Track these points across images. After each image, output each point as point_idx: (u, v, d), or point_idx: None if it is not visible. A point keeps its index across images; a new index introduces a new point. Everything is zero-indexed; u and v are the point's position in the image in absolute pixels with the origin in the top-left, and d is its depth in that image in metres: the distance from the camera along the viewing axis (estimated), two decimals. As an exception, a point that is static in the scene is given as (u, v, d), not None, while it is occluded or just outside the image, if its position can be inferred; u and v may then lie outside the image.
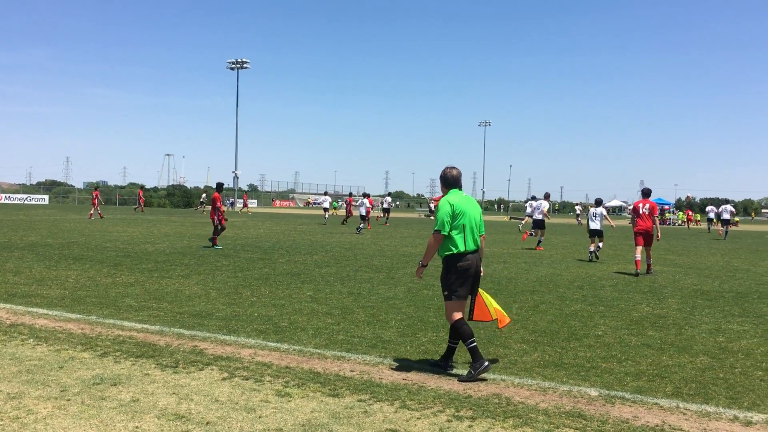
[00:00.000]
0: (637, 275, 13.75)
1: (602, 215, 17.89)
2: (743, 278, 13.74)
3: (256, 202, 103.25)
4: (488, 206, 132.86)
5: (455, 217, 5.74)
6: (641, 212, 14.58)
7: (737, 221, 63.91)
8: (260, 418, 4.56)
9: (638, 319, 8.61)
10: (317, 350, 6.49)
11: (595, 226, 17.67)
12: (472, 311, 6.12)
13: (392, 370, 5.86)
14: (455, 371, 5.85)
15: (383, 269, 13.57)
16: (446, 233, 5.73)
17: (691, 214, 59.83)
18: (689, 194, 75.19)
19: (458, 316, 5.81)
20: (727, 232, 34.20)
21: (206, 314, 8.19)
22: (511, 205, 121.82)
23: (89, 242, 18.47)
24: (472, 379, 5.56)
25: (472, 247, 5.79)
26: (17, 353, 6.06)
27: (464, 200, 5.88)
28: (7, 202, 74.10)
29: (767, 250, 23.89)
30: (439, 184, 6.20)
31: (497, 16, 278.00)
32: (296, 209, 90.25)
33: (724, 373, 6.01)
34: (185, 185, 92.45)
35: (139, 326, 7.38)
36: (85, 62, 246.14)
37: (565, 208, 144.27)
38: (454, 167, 6.04)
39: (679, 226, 57.01)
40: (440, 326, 7.74)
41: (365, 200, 31.15)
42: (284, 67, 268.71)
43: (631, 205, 36.93)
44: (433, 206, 47.95)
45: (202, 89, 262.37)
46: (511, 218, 66.99)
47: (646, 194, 15.16)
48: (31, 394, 4.92)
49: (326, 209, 41.07)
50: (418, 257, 16.48)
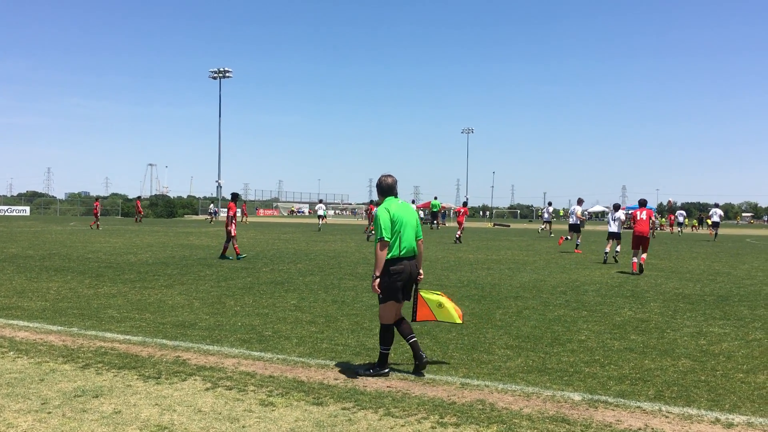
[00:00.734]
0: (633, 274, 15.06)
1: (620, 219, 19.06)
2: (724, 281, 13.87)
3: (239, 211, 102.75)
4: (474, 213, 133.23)
5: (393, 223, 5.90)
6: (639, 218, 16.04)
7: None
8: (244, 428, 4.54)
9: (621, 323, 8.67)
10: (301, 359, 6.47)
11: (613, 229, 18.95)
12: (415, 313, 6.33)
13: (376, 378, 5.85)
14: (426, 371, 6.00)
15: (367, 277, 13.56)
16: (389, 239, 5.87)
17: (673, 218, 60.36)
18: (671, 199, 75.96)
19: (390, 319, 6.02)
20: (716, 234, 36.43)
21: (189, 324, 8.14)
22: (494, 211, 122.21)
23: (71, 253, 18.31)
24: (366, 375, 5.86)
25: (406, 252, 5.95)
26: (-3, 366, 5.99)
27: (400, 207, 6.03)
28: (-14, 213, 73.19)
29: (747, 253, 24.14)
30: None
31: (481, 23, 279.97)
32: (280, 218, 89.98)
33: (705, 375, 6.06)
34: (168, 195, 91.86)
35: (121, 337, 7.32)
36: (65, 72, 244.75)
37: (536, 215, 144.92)
38: (389, 175, 6.17)
39: (660, 230, 57.42)
40: (424, 333, 7.74)
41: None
42: (267, 75, 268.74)
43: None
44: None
45: (184, 98, 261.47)
46: (495, 224, 67.20)
47: (642, 204, 16.89)
48: (11, 407, 4.86)
49: (321, 216, 41.77)
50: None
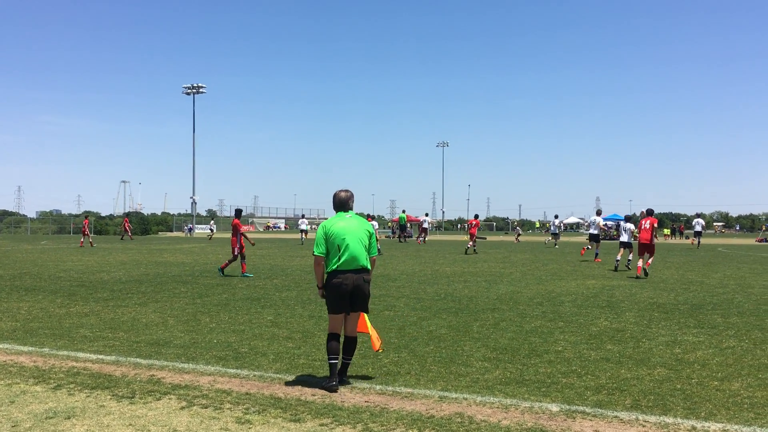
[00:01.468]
0: (638, 278, 16.91)
1: (630, 229, 21.16)
2: (697, 290, 14.04)
3: (214, 227, 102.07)
4: (447, 226, 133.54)
5: (327, 238, 6.06)
6: (642, 227, 18.07)
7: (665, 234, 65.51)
8: (220, 446, 4.47)
9: (597, 333, 8.72)
10: (278, 375, 6.41)
11: (624, 238, 21.04)
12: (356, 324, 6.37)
13: (354, 392, 5.81)
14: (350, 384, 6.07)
15: (344, 291, 13.50)
16: (319, 254, 6.06)
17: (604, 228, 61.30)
18: (644, 210, 76.75)
19: (332, 328, 6.17)
20: (699, 243, 38.89)
21: (164, 342, 8.03)
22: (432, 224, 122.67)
23: (42, 272, 18.01)
24: (320, 387, 5.94)
25: (346, 265, 6.00)
26: (-35, 389, 5.85)
27: (344, 222, 6.12)
28: (-45, 233, 71.82)
29: (720, 262, 24.49)
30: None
31: (454, 36, 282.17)
32: (256, 233, 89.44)
33: (681, 384, 6.11)
34: (142, 212, 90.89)
35: (94, 357, 7.20)
36: (34, 90, 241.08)
37: (524, 225, 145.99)
38: (342, 190, 6.30)
39: (633, 240, 58.08)
40: (402, 347, 7.72)
41: (373, 222, 32.25)
42: (241, 91, 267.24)
43: (588, 220, 42.54)
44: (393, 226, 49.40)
45: (158, 114, 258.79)
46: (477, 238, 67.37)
47: (649, 213, 18.97)
48: (-21, 431, 4.74)
49: (303, 231, 42.20)
50: (379, 278, 16.46)
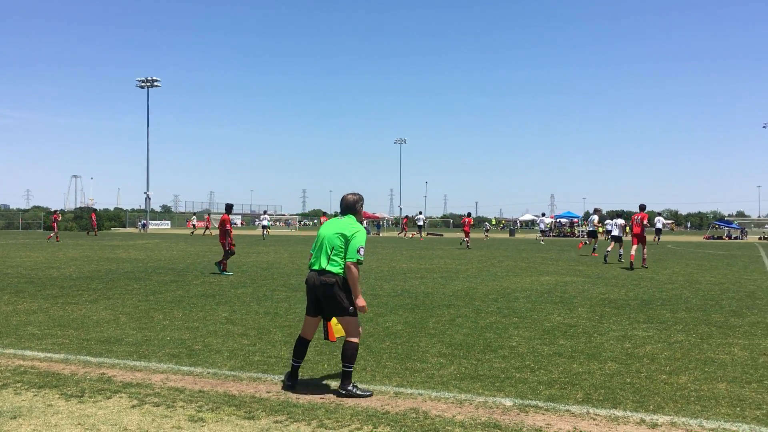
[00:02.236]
0: (632, 268, 19.16)
1: (620, 225, 23.27)
2: (647, 286, 14.37)
3: (169, 223, 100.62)
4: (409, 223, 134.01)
5: (316, 240, 6.01)
6: (635, 222, 20.24)
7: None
8: (172, 445, 4.40)
9: (550, 328, 8.85)
10: (232, 372, 6.35)
11: (615, 233, 23.10)
12: (326, 332, 6.11)
13: (309, 389, 5.79)
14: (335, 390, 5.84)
15: (300, 288, 13.44)
16: (312, 252, 6.02)
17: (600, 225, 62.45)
18: (597, 207, 78.30)
19: (302, 330, 6.04)
20: (659, 239, 41.28)
21: (115, 340, 7.87)
22: (428, 221, 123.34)
23: (-12, 269, 17.47)
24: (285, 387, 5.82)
25: (315, 266, 5.88)
26: None
27: (329, 224, 6.05)
28: None
29: (668, 259, 25.10)
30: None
31: (412, 32, 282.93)
32: (212, 230, 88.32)
33: (631, 378, 6.24)
34: (94, 207, 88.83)
35: (42, 355, 7.01)
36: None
37: (480, 223, 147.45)
38: (350, 193, 6.14)
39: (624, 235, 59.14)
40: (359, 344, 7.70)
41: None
42: (197, 85, 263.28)
43: (542, 217, 45.79)
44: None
45: (110, 108, 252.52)
46: (428, 234, 67.76)
47: (642, 208, 20.64)
48: None
49: (265, 227, 42.50)
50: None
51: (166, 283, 14.28)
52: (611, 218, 27.60)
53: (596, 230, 27.29)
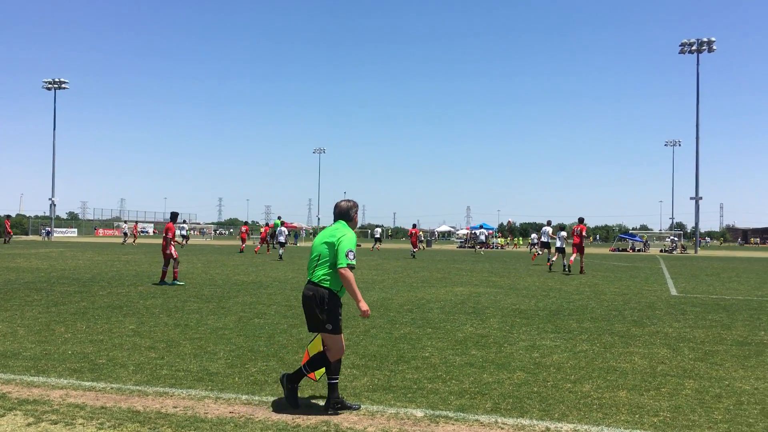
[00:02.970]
0: (569, 272, 23.19)
1: (563, 236, 25.42)
2: (556, 297, 14.83)
3: (76, 231, 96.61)
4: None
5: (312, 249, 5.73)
6: (575, 233, 23.95)
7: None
8: (69, 465, 4.19)
9: (462, 339, 8.99)
10: (138, 387, 6.12)
11: (558, 244, 25.12)
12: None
13: (219, 403, 5.65)
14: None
15: (213, 299, 13.16)
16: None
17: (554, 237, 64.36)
18: (510, 219, 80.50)
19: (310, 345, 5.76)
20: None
21: (11, 354, 7.46)
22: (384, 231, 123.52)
23: None
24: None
25: (309, 276, 5.64)
26: None
27: (319, 234, 5.74)
28: None
29: (576, 271, 25.98)
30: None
31: (329, 41, 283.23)
32: (122, 238, 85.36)
33: (538, 387, 6.41)
34: (8, 213, 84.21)
35: (-72, 372, 6.56)
36: None
37: (398, 233, 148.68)
38: (343, 200, 5.86)
39: (500, 249, 60.61)
40: (270, 355, 7.61)
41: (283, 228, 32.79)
42: (108, 87, 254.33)
43: (459, 229, 47.67)
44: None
45: (13, 110, 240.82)
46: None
47: (580, 221, 24.37)
48: None
49: (184, 236, 46.29)
50: (250, 285, 16.16)
51: (69, 293, 13.67)
52: (555, 231, 28.46)
53: (549, 242, 28.11)
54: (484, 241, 47.42)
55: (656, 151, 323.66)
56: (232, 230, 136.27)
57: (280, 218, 49.43)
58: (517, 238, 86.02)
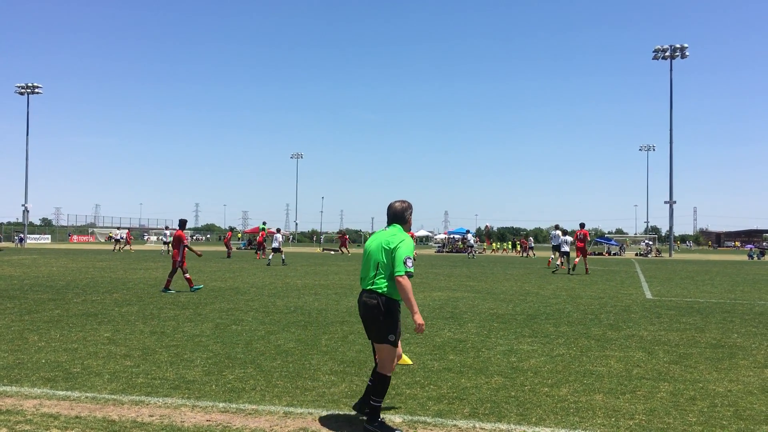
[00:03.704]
0: (574, 270, 26.41)
1: (568, 241, 27.31)
2: (533, 301, 14.92)
3: (49, 237, 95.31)
4: (300, 238, 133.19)
5: (364, 254, 5.50)
6: (579, 237, 26.49)
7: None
8: (43, 476, 4.13)
9: (440, 344, 9.01)
10: (113, 396, 6.05)
11: (564, 249, 27.24)
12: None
13: (195, 411, 5.60)
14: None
15: (190, 305, 13.05)
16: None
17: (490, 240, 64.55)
18: (488, 224, 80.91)
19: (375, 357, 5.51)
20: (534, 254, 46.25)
21: (-17, 364, 7.34)
22: (323, 236, 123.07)
23: None
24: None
25: (362, 284, 5.40)
26: None
27: (375, 237, 5.48)
28: None
29: (554, 274, 26.18)
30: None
31: (307, 44, 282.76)
32: (97, 244, 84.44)
33: (515, 391, 6.44)
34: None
35: None
36: None
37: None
38: (396, 201, 5.57)
39: (479, 254, 60.83)
40: (248, 362, 7.56)
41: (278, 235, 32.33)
42: (82, 92, 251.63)
43: (438, 234, 49.23)
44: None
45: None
46: (324, 249, 67.63)
47: (582, 226, 26.98)
48: None
49: (167, 243, 44.96)
50: (227, 291, 16.05)
51: (43, 301, 13.48)
52: (564, 235, 29.54)
53: (559, 245, 28.66)
54: (472, 245, 47.89)
55: (631, 155, 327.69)
56: (209, 236, 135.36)
57: (264, 223, 49.35)
58: (495, 242, 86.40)
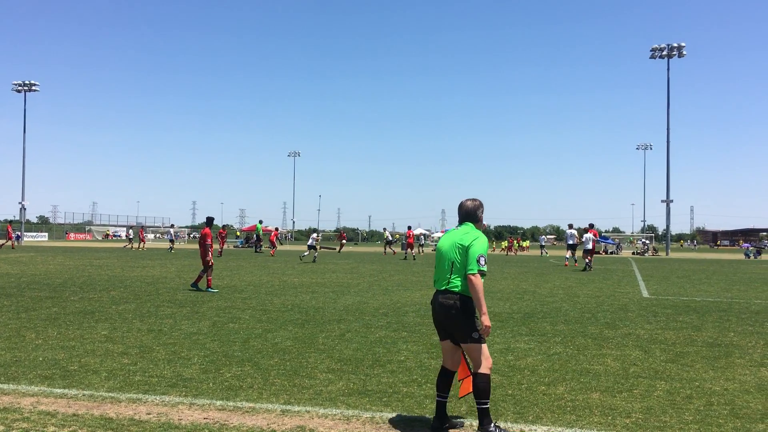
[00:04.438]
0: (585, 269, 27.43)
1: (575, 236, 30.83)
2: (530, 300, 14.94)
3: (46, 235, 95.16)
4: (298, 236, 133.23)
5: (437, 254, 5.40)
6: (585, 237, 28.44)
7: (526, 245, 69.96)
8: (40, 474, 4.13)
9: (437, 342, 9.00)
10: (110, 394, 6.06)
11: (588, 246, 28.37)
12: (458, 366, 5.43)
13: (193, 409, 5.61)
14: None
15: (187, 303, 13.05)
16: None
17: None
18: (485, 223, 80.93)
19: (442, 359, 5.41)
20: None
21: (-20, 362, 7.33)
22: (321, 234, 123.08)
23: None
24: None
25: (436, 285, 5.30)
26: None
27: (446, 237, 5.36)
28: None
29: (550, 273, 26.23)
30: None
31: (305, 42, 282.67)
32: (94, 242, 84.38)
33: (512, 389, 6.45)
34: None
35: None
36: None
37: (374, 236, 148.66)
38: (469, 199, 5.49)
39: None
40: (245, 360, 7.57)
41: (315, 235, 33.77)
42: (80, 90, 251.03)
43: (435, 232, 49.54)
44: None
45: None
46: (321, 248, 67.57)
47: (591, 226, 29.31)
48: None
49: (172, 240, 47.63)
50: (225, 289, 16.04)
51: (40, 299, 13.47)
52: (580, 233, 31.45)
53: (575, 243, 31.47)
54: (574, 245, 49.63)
55: (628, 154, 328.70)
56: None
57: (261, 222, 49.30)
58: (492, 241, 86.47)
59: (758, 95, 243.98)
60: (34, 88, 71.26)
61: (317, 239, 32.95)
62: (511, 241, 62.91)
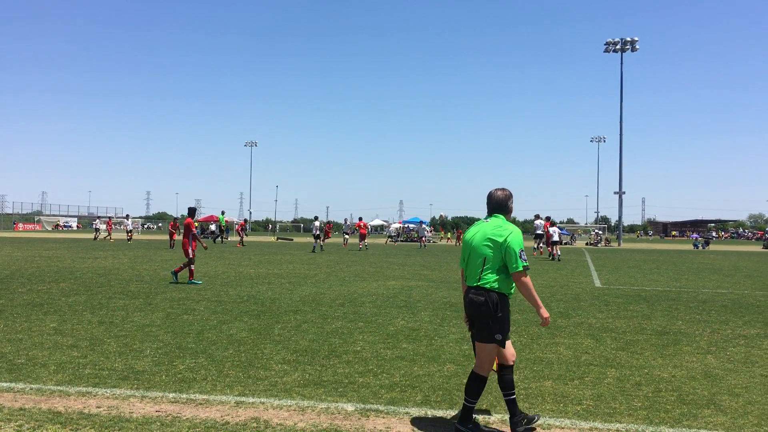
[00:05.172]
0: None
1: (557, 231, 31.03)
2: (486, 290, 15.06)
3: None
4: (255, 227, 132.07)
5: (464, 248, 5.18)
6: (548, 230, 30.74)
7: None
8: (-16, 470, 4.02)
9: (394, 332, 9.05)
10: (59, 387, 5.91)
11: (555, 238, 30.25)
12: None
13: (144, 402, 5.52)
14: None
15: (140, 295, 12.82)
16: (461, 266, 5.24)
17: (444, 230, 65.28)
18: (442, 213, 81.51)
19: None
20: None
21: None
22: (278, 225, 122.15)
23: None
24: None
25: (468, 281, 5.07)
26: None
27: (476, 228, 5.13)
28: None
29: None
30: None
31: (261, 33, 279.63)
32: (43, 233, 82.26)
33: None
34: None
35: None
36: None
37: (333, 228, 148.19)
38: (497, 189, 5.20)
39: (433, 243, 61.29)
40: (199, 352, 7.47)
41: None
42: (30, 77, 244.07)
43: (393, 223, 50.06)
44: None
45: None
46: (278, 238, 67.16)
47: (549, 220, 32.00)
48: None
49: (129, 231, 47.28)
50: (179, 281, 15.80)
51: (-14, 291, 13.08)
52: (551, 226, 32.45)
53: (542, 234, 32.44)
54: (424, 235, 48.98)
55: (582, 146, 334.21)
56: (161, 224, 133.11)
57: (223, 213, 48.76)
58: (449, 231, 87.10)
59: (709, 89, 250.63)
60: (-21, 73, 69.03)
61: (321, 228, 32.68)
62: (459, 232, 63.75)
